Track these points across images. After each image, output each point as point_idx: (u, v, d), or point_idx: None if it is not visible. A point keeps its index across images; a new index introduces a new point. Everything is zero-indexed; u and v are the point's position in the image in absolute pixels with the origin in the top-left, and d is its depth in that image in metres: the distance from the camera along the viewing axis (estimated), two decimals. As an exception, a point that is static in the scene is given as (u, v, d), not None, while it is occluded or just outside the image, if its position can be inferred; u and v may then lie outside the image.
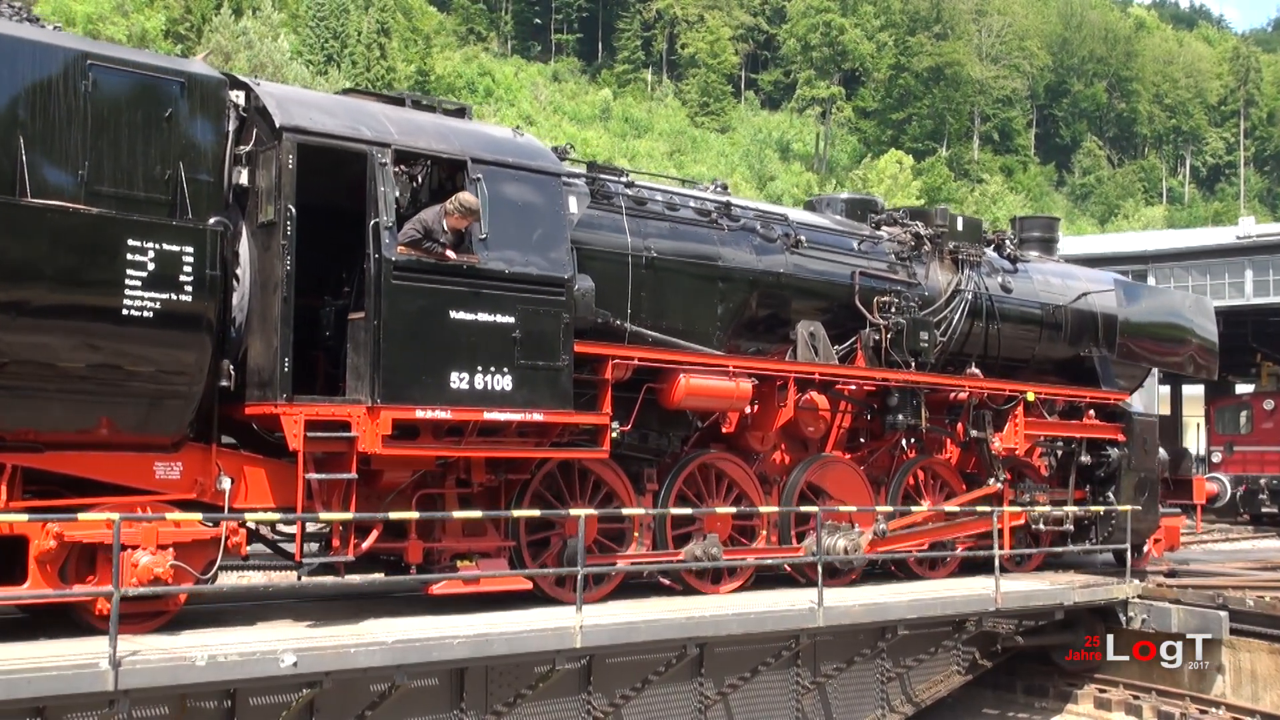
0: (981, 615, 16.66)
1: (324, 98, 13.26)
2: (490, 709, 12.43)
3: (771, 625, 14.18)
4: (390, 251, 11.81)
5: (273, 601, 13.84)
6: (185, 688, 10.10)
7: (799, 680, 15.10)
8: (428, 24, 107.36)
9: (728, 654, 14.19)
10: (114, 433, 10.86)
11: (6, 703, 9.07)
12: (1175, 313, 21.66)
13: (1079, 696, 18.90)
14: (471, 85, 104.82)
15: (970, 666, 17.46)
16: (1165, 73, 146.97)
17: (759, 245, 15.85)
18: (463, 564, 12.94)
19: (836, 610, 14.61)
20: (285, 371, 11.41)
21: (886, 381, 16.57)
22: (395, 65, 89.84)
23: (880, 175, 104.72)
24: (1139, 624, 18.23)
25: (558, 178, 13.43)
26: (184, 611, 11.39)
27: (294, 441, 11.41)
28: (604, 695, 13.28)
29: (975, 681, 18.14)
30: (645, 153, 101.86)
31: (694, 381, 14.27)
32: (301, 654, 10.43)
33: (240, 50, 74.42)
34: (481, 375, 12.28)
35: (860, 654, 15.67)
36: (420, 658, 11.26)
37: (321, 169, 12.18)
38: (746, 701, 14.61)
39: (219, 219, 11.26)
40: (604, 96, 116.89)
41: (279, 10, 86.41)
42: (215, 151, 11.43)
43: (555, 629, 12.24)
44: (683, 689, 13.99)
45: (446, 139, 12.74)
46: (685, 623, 13.33)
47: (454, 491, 13.06)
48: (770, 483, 16.10)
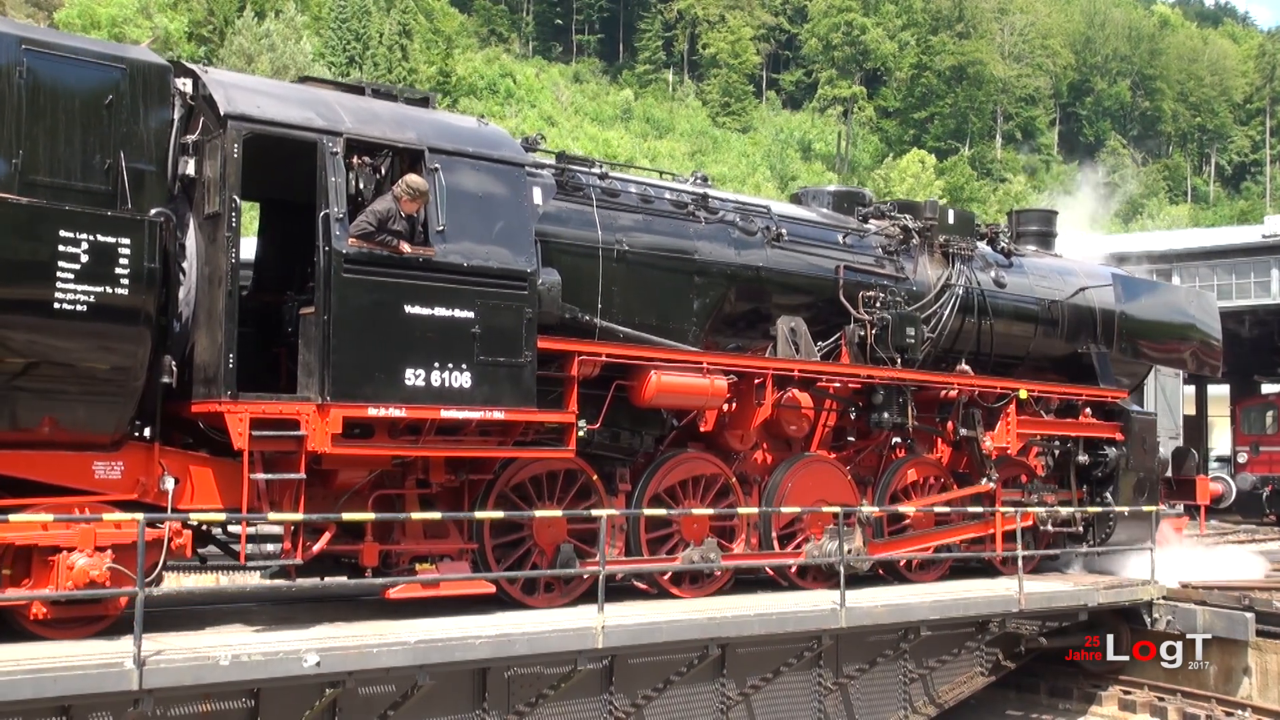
0: (1005, 616, 16.55)
1: (276, 85, 12.86)
2: (512, 709, 12.40)
3: (793, 626, 14.07)
4: (341, 244, 11.40)
5: (225, 606, 13.43)
6: (208, 687, 10.16)
7: (821, 681, 15.04)
8: (449, 25, 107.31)
9: (750, 654, 14.15)
10: (50, 431, 10.48)
11: (33, 701, 9.19)
12: (1176, 308, 21.14)
13: (1103, 698, 18.69)
14: (493, 86, 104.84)
15: (993, 668, 17.36)
16: (1190, 70, 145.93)
17: (738, 238, 15.43)
18: (421, 567, 12.52)
19: (858, 611, 14.52)
20: (230, 368, 10.98)
21: (871, 379, 16.10)
22: (417, 67, 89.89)
23: (902, 175, 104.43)
24: (1164, 625, 18.04)
25: (521, 168, 12.97)
26: (122, 616, 10.98)
27: (239, 440, 11.01)
28: (626, 695, 13.25)
29: (998, 683, 18.05)
30: (666, 153, 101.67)
31: (666, 379, 13.82)
32: (324, 654, 10.47)
33: (263, 52, 74.57)
34: (439, 372, 11.85)
35: (883, 655, 15.59)
36: (442, 657, 11.22)
37: (283, 161, 11.88)
38: (769, 702, 14.54)
39: (161, 210, 10.85)
40: (625, 97, 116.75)
41: (302, 12, 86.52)
42: (159, 141, 11.04)
43: (577, 629, 12.23)
44: (705, 689, 13.96)
45: (403, 128, 12.32)
46: (707, 623, 13.25)
47: (414, 492, 12.66)
48: (751, 483, 15.64)
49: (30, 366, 10.19)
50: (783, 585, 15.65)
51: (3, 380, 10.10)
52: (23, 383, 10.21)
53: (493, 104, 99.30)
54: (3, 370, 10.07)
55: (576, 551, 13.63)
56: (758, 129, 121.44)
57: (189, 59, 17.34)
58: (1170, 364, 20.94)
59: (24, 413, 10.31)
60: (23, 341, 10.09)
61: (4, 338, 9.99)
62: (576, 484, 13.83)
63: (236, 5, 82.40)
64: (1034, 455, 18.78)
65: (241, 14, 79.98)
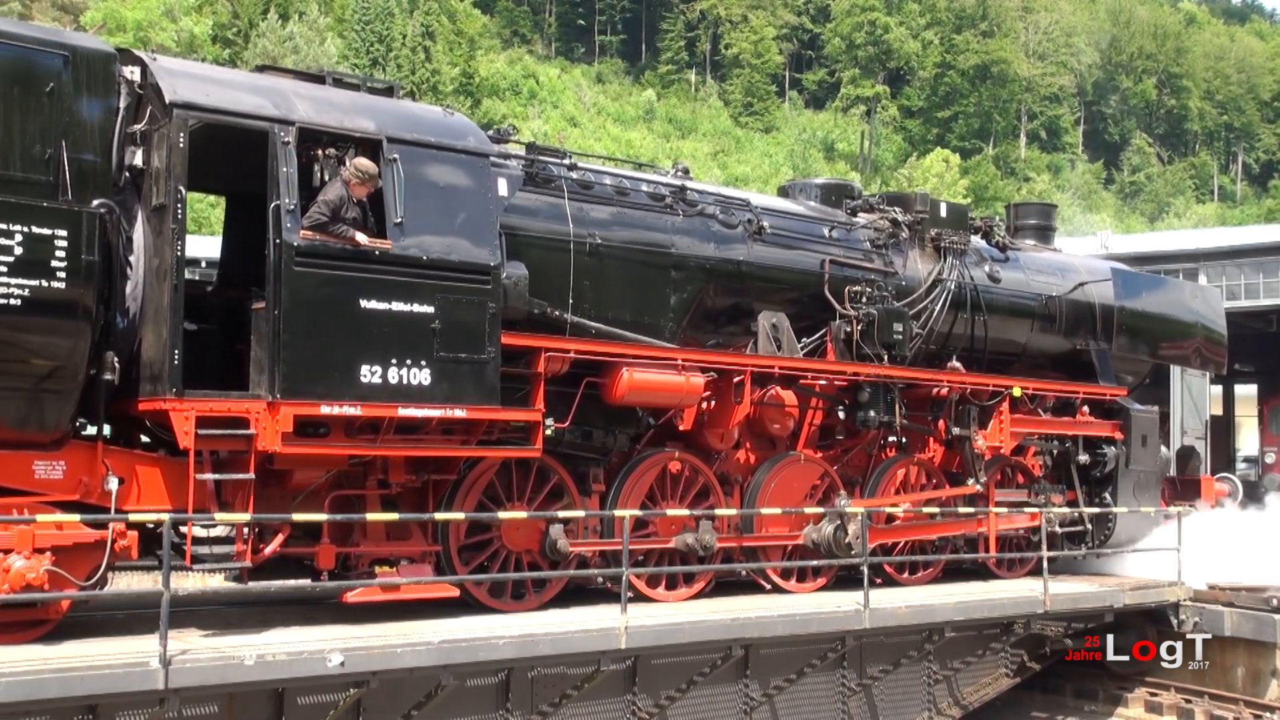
0: (1030, 617, 16.47)
1: (227, 73, 12.57)
2: (535, 709, 12.42)
3: (817, 626, 14.09)
4: (292, 236, 11.05)
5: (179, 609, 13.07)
6: (233, 687, 10.21)
7: (845, 682, 15.03)
8: (472, 27, 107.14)
9: (773, 655, 14.14)
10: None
11: (61, 700, 9.28)
12: (1179, 304, 20.59)
13: (1129, 700, 18.55)
14: (515, 87, 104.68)
15: (1018, 669, 17.29)
16: (1216, 68, 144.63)
17: (717, 232, 15.03)
18: (381, 570, 12.13)
19: (883, 612, 14.48)
20: (175, 364, 10.62)
21: (856, 376, 15.66)
22: (440, 68, 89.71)
23: (926, 174, 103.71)
24: (1191, 627, 17.91)
25: (485, 159, 12.60)
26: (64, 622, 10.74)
27: (184, 439, 10.66)
28: (649, 696, 13.28)
29: (1024, 684, 17.94)
30: (689, 153, 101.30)
31: (638, 376, 13.43)
32: (348, 654, 10.49)
33: (287, 55, 74.49)
34: (396, 369, 11.49)
35: (907, 656, 15.52)
36: (466, 658, 11.26)
37: (245, 153, 11.54)
38: (792, 703, 14.54)
39: (103, 202, 10.51)
40: (648, 98, 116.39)
41: (325, 14, 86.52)
42: (103, 130, 10.70)
43: (600, 629, 12.26)
44: (728, 690, 13.94)
45: (360, 117, 11.94)
46: (730, 624, 13.24)
47: (376, 493, 12.31)
48: (732, 483, 15.23)
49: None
50: (765, 588, 15.23)
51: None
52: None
53: (515, 105, 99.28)
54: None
55: (547, 554, 13.30)
56: (780, 129, 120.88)
57: (214, 62, 16.99)
58: (1172, 360, 20.46)
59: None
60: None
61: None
62: (548, 484, 13.46)
63: (261, 8, 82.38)
64: (1032, 455, 18.28)
65: (266, 16, 79.94)
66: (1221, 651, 17.93)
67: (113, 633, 10.93)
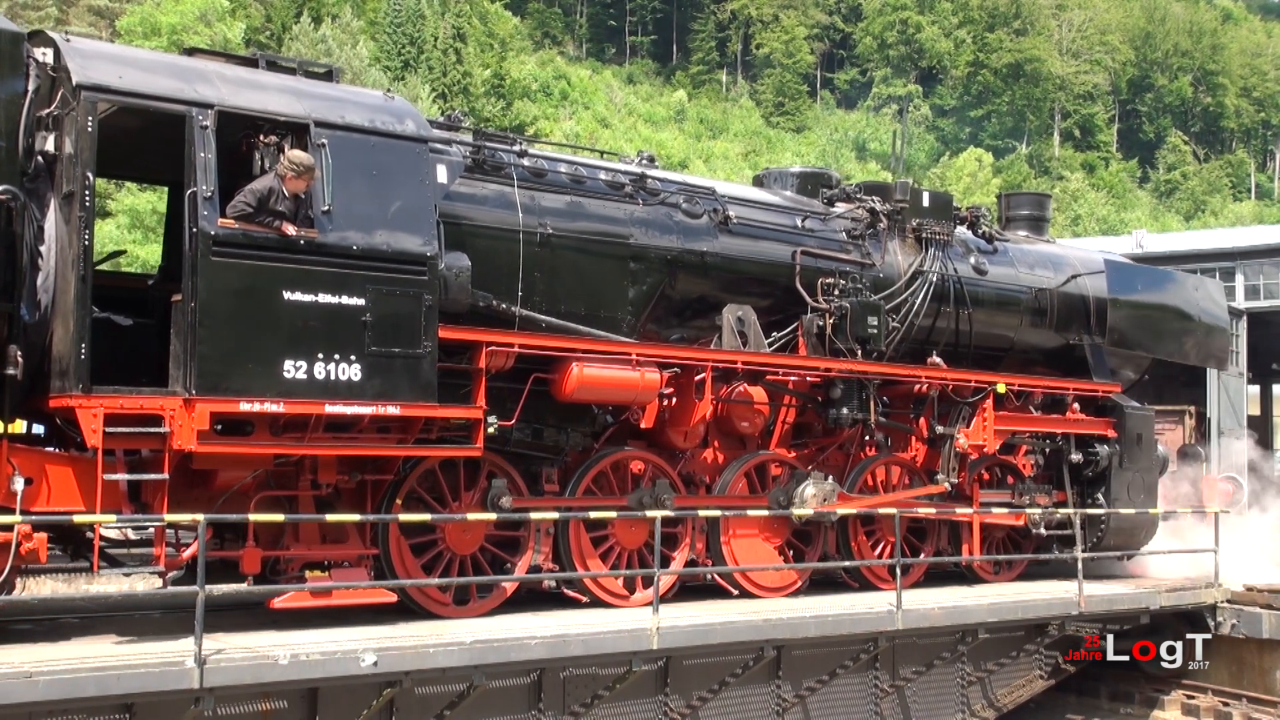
0: (1064, 619, 16.36)
1: (145, 55, 12.08)
2: (568, 709, 12.46)
3: (849, 628, 14.07)
4: (210, 225, 10.51)
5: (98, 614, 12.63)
6: (267, 686, 10.29)
7: (878, 683, 15.00)
8: (503, 28, 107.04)
9: (805, 656, 14.15)
10: (-118, 427, 9.72)
11: (98, 699, 9.41)
12: (1177, 296, 19.80)
13: (1165, 703, 18.39)
14: (547, 89, 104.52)
15: (1053, 671, 17.17)
16: (1253, 65, 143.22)
17: (680, 222, 14.45)
18: (312, 574, 11.59)
19: (915, 613, 14.41)
20: (83, 359, 10.12)
21: (828, 371, 15.02)
22: (471, 70, 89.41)
23: (959, 173, 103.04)
24: (1228, 629, 17.87)
25: (423, 144, 12.02)
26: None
27: (91, 437, 10.15)
28: (681, 697, 13.31)
29: (1058, 686, 17.82)
30: (720, 154, 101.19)
31: (588, 371, 12.85)
32: (381, 654, 10.54)
33: (320, 57, 74.38)
34: (323, 364, 10.92)
35: (940, 657, 15.47)
36: (499, 658, 11.32)
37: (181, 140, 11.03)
38: (825, 704, 14.53)
39: (7, 189, 10.02)
40: (679, 98, 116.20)
41: (358, 17, 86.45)
42: (9, 114, 10.19)
43: (632, 630, 12.29)
44: (760, 691, 13.95)
45: (286, 100, 11.40)
46: (762, 625, 13.22)
47: (309, 494, 11.76)
48: (698, 484, 14.64)
49: None
50: (732, 594, 14.67)
51: None
52: None
53: (547, 106, 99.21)
54: None
55: (495, 559, 12.79)
56: (812, 129, 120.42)
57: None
58: (1171, 355, 19.64)
59: None
60: None
61: None
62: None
63: (294, 11, 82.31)
64: (1022, 454, 17.61)
65: (299, 19, 79.85)
66: (1260, 653, 17.77)
67: (149, 634, 10.89)
